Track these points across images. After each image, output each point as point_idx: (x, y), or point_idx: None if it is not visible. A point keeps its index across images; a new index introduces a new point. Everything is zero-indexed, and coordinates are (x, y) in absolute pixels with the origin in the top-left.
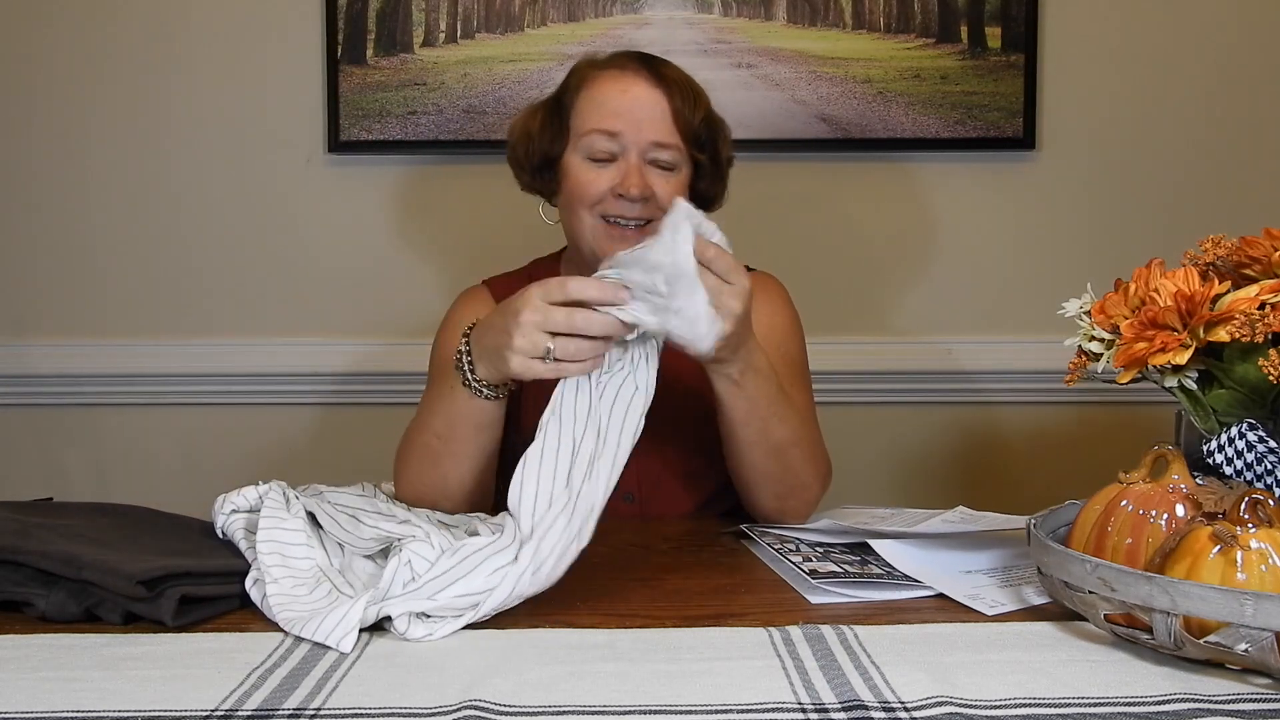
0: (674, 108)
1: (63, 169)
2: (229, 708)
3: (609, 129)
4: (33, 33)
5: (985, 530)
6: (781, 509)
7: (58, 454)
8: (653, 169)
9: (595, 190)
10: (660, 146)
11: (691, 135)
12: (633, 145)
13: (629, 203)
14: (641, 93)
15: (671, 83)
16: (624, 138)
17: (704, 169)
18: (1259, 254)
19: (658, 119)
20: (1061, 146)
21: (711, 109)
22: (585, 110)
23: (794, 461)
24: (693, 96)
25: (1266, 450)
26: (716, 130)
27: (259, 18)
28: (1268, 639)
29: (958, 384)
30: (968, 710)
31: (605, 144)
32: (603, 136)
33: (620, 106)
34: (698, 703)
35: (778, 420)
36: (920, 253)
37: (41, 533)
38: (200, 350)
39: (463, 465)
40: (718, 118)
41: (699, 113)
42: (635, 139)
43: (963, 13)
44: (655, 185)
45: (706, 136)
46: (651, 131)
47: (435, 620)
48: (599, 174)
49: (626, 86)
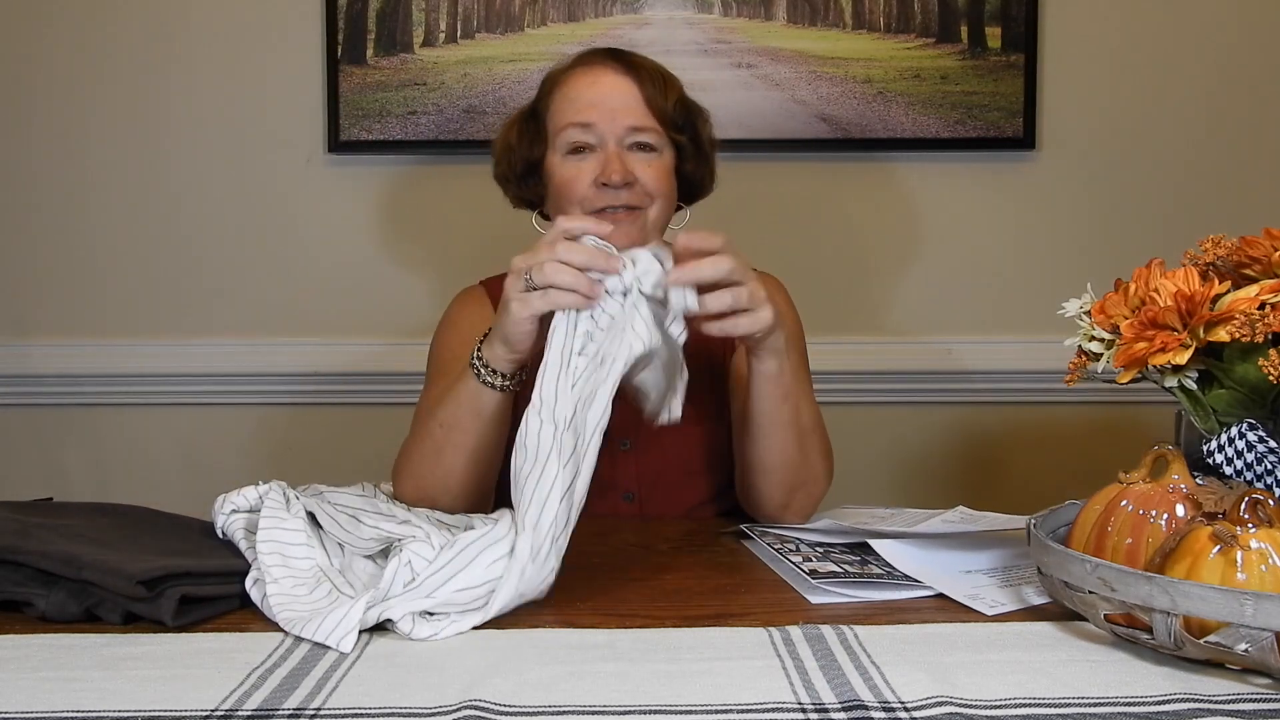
0: (645, 93)
1: (63, 169)
2: (229, 708)
3: (582, 120)
4: (33, 33)
5: (985, 530)
6: (788, 503)
7: (58, 454)
8: (635, 154)
9: (580, 187)
10: (637, 130)
11: (667, 118)
12: (609, 133)
13: (613, 190)
14: (611, 81)
15: (640, 69)
16: (598, 127)
17: (686, 151)
18: (1259, 254)
19: (630, 104)
20: (1061, 146)
21: (685, 94)
22: (559, 109)
23: (811, 449)
24: (662, 81)
25: (1266, 450)
26: (694, 113)
27: (259, 18)
28: (1268, 639)
29: (958, 384)
30: (968, 710)
31: (581, 136)
32: (577, 129)
33: (592, 97)
34: (698, 703)
35: (807, 402)
36: (920, 253)
37: (41, 533)
38: (200, 350)
39: (463, 458)
40: (694, 103)
41: (671, 95)
42: (610, 127)
43: (963, 13)
44: (638, 170)
45: (685, 120)
46: (626, 117)
47: (440, 619)
48: (580, 168)
49: (595, 78)
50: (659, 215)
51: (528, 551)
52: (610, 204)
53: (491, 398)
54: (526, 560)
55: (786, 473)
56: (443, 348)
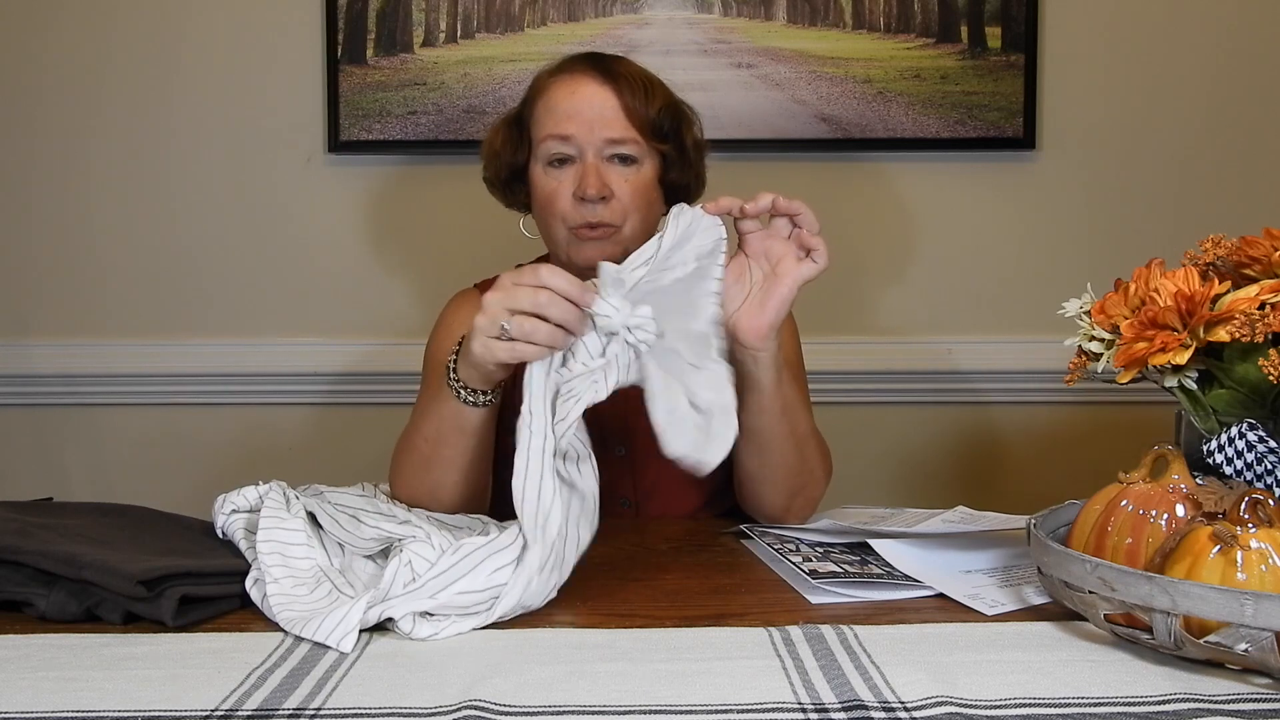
0: (624, 103)
1: (63, 169)
2: (229, 708)
3: (561, 133)
4: (33, 33)
5: (985, 530)
6: (789, 506)
7: (58, 454)
8: (614, 167)
9: (560, 202)
10: (615, 142)
11: (649, 127)
12: (588, 145)
13: (590, 205)
14: (590, 92)
15: (620, 77)
16: (577, 139)
17: (671, 159)
18: (1259, 254)
19: (609, 115)
20: (1061, 146)
21: (674, 99)
22: (540, 118)
23: (810, 453)
24: (645, 89)
25: (1266, 450)
26: (680, 118)
27: (259, 18)
28: (1268, 639)
29: (958, 384)
30: (968, 710)
31: (560, 147)
32: (557, 141)
33: (570, 109)
34: (698, 703)
35: (804, 410)
36: (920, 253)
37: (41, 533)
38: (200, 350)
39: (452, 473)
40: (682, 107)
41: (654, 104)
42: (588, 139)
43: (963, 13)
44: (615, 184)
45: (669, 126)
46: (603, 129)
47: (440, 619)
48: (560, 180)
49: (575, 88)
50: (635, 230)
51: (536, 564)
52: (588, 220)
53: (473, 413)
54: (534, 572)
55: (787, 480)
56: (436, 350)
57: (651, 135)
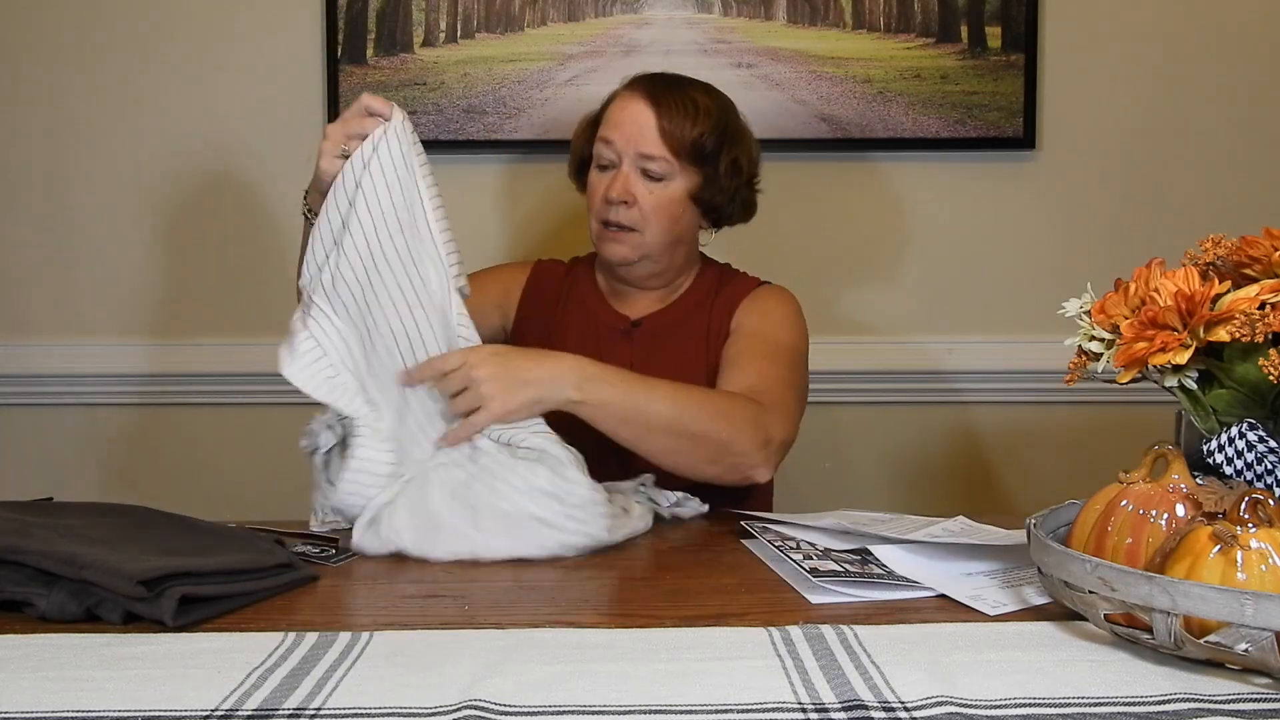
0: (661, 124)
1: (63, 169)
2: (229, 708)
3: (607, 138)
4: (32, 33)
5: (984, 544)
6: (721, 474)
7: (58, 454)
8: (642, 180)
9: (596, 199)
10: (646, 158)
11: (682, 149)
12: (625, 154)
13: (614, 206)
14: (635, 109)
15: (665, 102)
16: (617, 146)
17: (709, 180)
18: (1259, 254)
19: (645, 133)
20: (1061, 146)
21: (729, 126)
22: (602, 123)
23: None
24: (691, 115)
25: (1266, 450)
26: (726, 144)
27: (259, 18)
28: (1268, 639)
29: (958, 384)
30: (968, 710)
31: (605, 151)
32: (604, 145)
33: (618, 119)
34: (698, 703)
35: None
36: (920, 253)
37: (41, 533)
38: (200, 350)
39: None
40: (736, 133)
41: (696, 129)
42: (625, 149)
43: (963, 13)
44: (639, 193)
45: (712, 149)
46: (639, 143)
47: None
48: (600, 180)
49: (626, 104)
50: (657, 240)
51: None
52: (612, 219)
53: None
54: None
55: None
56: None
57: (686, 157)
